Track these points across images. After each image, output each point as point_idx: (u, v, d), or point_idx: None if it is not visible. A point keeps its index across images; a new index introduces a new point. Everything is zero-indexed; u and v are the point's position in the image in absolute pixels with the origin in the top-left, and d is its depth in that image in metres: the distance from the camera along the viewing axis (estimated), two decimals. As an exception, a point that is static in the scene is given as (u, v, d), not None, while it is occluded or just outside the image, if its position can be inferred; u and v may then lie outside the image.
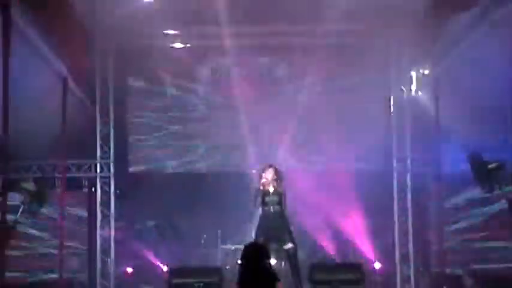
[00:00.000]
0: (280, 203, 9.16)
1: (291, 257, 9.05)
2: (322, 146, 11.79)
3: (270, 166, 9.33)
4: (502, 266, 9.53)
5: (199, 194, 12.04)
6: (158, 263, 11.99)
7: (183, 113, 12.42)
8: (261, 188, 9.27)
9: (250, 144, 12.16)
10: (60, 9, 9.77)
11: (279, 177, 9.20)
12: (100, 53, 12.01)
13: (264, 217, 9.17)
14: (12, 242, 9.30)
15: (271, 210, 9.10)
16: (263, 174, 9.24)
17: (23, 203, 9.73)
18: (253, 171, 10.65)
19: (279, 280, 5.27)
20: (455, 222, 11.02)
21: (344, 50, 11.55)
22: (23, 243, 11.22)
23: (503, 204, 8.72)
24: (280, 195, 9.17)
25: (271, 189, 9.16)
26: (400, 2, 10.18)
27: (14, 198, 9.41)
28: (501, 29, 8.59)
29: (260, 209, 9.30)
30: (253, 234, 9.31)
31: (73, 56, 10.78)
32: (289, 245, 9.01)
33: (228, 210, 11.46)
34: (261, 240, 8.69)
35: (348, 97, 11.65)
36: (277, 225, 9.09)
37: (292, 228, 9.24)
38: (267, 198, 9.19)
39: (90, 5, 10.41)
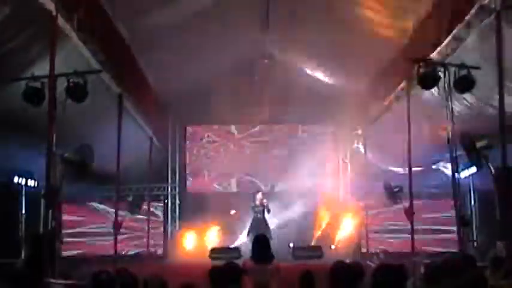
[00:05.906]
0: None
1: None
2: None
3: (259, 191, 13.87)
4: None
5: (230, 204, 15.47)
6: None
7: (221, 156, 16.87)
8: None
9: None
10: (150, 99, 13.23)
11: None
12: (172, 123, 16.46)
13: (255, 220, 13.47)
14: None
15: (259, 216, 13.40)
16: (257, 196, 13.63)
17: (126, 207, 13.27)
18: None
19: (273, 257, 6.17)
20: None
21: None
22: (127, 230, 13.72)
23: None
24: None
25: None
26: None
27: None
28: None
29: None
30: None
31: (156, 125, 14.11)
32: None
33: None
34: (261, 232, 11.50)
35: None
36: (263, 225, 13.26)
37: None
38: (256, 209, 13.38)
39: (167, 98, 14.66)
